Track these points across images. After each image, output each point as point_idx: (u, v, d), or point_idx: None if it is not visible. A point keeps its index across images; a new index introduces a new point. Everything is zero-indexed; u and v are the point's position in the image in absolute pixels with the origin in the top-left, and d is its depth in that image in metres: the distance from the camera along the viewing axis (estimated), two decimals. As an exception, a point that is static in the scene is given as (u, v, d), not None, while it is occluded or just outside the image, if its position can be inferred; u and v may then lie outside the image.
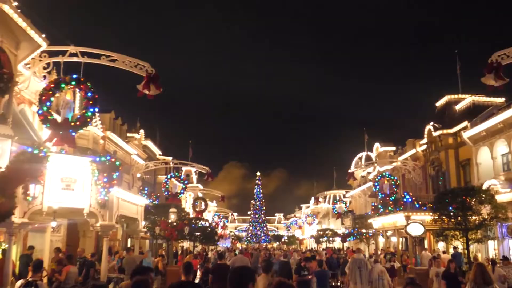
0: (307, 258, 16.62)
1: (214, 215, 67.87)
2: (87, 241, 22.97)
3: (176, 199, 33.43)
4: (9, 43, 13.02)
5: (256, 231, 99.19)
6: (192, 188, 52.99)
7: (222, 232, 63.31)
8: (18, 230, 12.35)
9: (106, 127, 29.06)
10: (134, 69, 15.19)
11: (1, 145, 7.00)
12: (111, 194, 12.82)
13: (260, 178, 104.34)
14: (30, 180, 7.95)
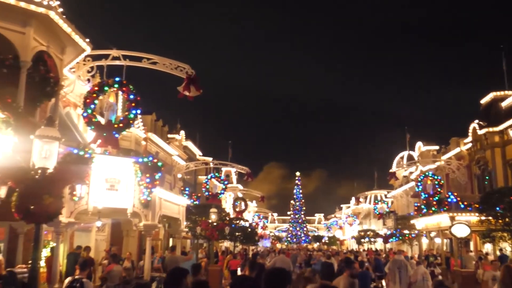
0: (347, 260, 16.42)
1: (254, 216, 68.02)
2: (130, 241, 23.47)
3: (216, 200, 33.66)
4: (55, 48, 13.45)
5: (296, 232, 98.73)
6: (232, 189, 53.28)
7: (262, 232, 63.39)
8: (65, 229, 12.76)
9: (147, 129, 29.60)
10: (174, 71, 15.41)
11: (49, 147, 7.21)
12: (153, 194, 13.03)
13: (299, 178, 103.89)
14: (77, 180, 8.18)
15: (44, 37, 12.76)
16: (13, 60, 11.80)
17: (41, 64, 12.59)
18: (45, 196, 7.09)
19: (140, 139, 27.13)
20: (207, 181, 34.71)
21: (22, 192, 7.18)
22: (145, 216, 13.01)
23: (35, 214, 7.16)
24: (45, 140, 7.19)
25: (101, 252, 19.49)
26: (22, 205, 7.15)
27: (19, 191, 7.20)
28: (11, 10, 11.75)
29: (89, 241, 19.82)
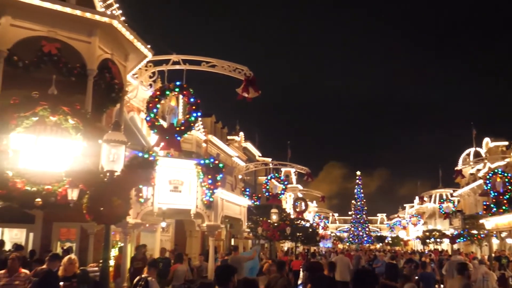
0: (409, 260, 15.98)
1: (314, 216, 67.56)
2: (194, 241, 23.96)
3: (276, 200, 33.72)
4: (118, 55, 13.96)
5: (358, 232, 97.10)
6: (292, 189, 53.18)
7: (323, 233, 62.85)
8: (132, 230, 13.19)
9: (207, 131, 30.12)
10: (232, 73, 15.58)
11: (116, 150, 7.48)
12: (215, 195, 13.23)
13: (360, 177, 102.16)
14: (143, 183, 8.44)
15: (108, 45, 13.28)
16: (80, 69, 12.36)
17: (106, 72, 13.10)
18: (114, 198, 7.37)
19: (200, 141, 27.66)
20: (267, 181, 34.83)
21: (92, 195, 7.50)
22: (208, 217, 13.22)
23: (105, 215, 7.46)
24: (112, 144, 7.46)
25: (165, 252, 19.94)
26: (92, 207, 7.46)
27: (90, 194, 7.52)
28: (78, 21, 12.32)
29: (154, 242, 20.38)
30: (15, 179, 9.98)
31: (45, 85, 11.06)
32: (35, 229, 14.85)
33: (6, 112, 10.15)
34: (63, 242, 15.26)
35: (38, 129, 10.45)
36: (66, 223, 14.98)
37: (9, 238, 16.59)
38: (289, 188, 47.30)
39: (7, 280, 8.41)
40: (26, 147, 10.33)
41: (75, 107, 10.80)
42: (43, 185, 10.16)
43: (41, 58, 11.77)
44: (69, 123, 10.61)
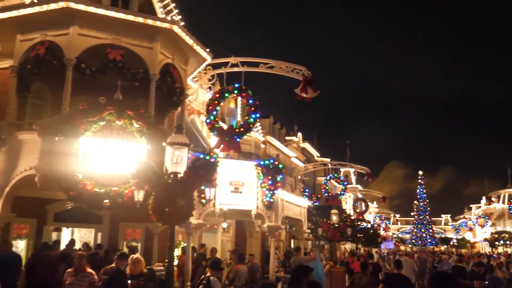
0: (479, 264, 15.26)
1: (375, 217, 66.22)
2: (254, 241, 24.12)
3: (336, 200, 33.31)
4: (179, 60, 14.31)
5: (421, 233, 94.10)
6: (352, 189, 52.40)
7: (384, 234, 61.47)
8: (195, 230, 13.46)
9: (266, 132, 30.25)
10: (290, 73, 15.55)
11: (180, 153, 7.62)
12: (276, 196, 13.24)
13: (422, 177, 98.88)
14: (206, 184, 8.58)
15: (169, 50, 13.64)
16: (143, 74, 12.78)
17: (167, 76, 13.47)
18: (178, 199, 7.52)
19: (259, 143, 27.82)
20: (326, 182, 34.50)
21: (157, 196, 7.68)
22: (269, 218, 13.26)
23: (169, 216, 7.62)
24: (176, 146, 7.61)
25: (226, 253, 20.24)
26: (157, 207, 7.64)
27: (155, 195, 7.71)
28: (140, 28, 12.74)
29: (215, 242, 20.71)
30: (84, 181, 10.49)
31: (110, 90, 11.53)
32: (102, 229, 15.46)
33: (76, 117, 10.68)
34: (129, 242, 15.80)
35: (105, 133, 10.92)
36: (131, 223, 15.51)
37: (78, 237, 17.37)
38: (349, 189, 46.63)
39: (74, 279, 8.53)
40: (94, 150, 10.82)
41: (139, 111, 11.19)
42: (111, 187, 10.60)
43: (106, 64, 12.27)
44: (134, 126, 11.00)
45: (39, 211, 14.28)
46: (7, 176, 11.63)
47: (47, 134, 10.81)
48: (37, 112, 14.92)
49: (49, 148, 10.80)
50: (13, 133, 11.91)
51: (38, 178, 10.82)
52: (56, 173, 10.50)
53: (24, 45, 12.77)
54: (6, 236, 13.29)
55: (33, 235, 14.48)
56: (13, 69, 12.76)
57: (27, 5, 12.65)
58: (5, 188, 11.61)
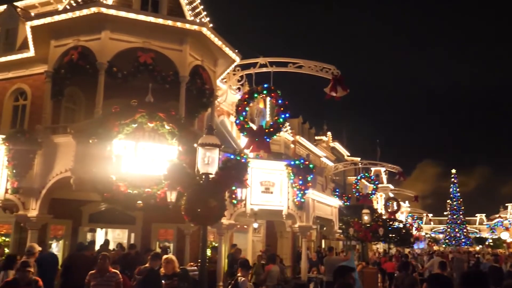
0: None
1: (407, 216, 65.21)
2: (284, 242, 24.05)
3: (367, 200, 32.94)
4: (208, 61, 14.43)
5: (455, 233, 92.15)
6: (383, 189, 51.72)
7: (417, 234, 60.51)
8: (226, 231, 13.55)
9: (295, 132, 30.14)
10: (320, 73, 15.47)
11: (211, 153, 7.67)
12: (306, 196, 13.24)
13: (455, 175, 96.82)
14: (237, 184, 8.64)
15: (199, 52, 13.77)
16: (173, 76, 12.95)
17: (197, 78, 13.61)
18: (210, 200, 7.58)
19: (288, 142, 27.76)
20: (357, 181, 34.15)
21: (189, 197, 7.75)
22: (300, 218, 13.25)
23: (202, 216, 7.68)
24: (207, 147, 7.67)
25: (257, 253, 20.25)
26: (190, 208, 7.71)
27: (187, 196, 7.79)
28: (170, 31, 12.91)
29: (246, 242, 20.74)
30: (118, 183, 10.69)
31: (142, 93, 11.73)
32: (135, 230, 15.67)
33: (109, 120, 10.90)
34: (161, 242, 15.99)
35: (137, 135, 11.12)
36: (164, 224, 15.68)
37: (112, 238, 17.68)
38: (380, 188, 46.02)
39: (99, 280, 8.33)
40: (127, 152, 11.02)
41: (170, 113, 11.35)
42: (144, 188, 10.78)
43: (137, 68, 12.48)
44: (165, 128, 11.17)
45: (75, 213, 14.60)
46: (44, 179, 11.96)
47: (82, 137, 11.06)
48: (71, 115, 15.31)
49: (83, 150, 11.05)
50: (48, 136, 12.23)
51: (74, 180, 11.09)
52: (90, 175, 10.74)
53: (58, 50, 13.11)
54: (43, 237, 13.67)
55: (69, 236, 14.81)
56: (47, 74, 13.11)
57: (60, 12, 13.00)
58: (42, 190, 11.95)
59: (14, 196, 11.96)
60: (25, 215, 11.93)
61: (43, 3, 17.51)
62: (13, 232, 14.29)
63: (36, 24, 12.97)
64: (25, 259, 9.54)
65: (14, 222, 13.70)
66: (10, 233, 14.48)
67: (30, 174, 11.97)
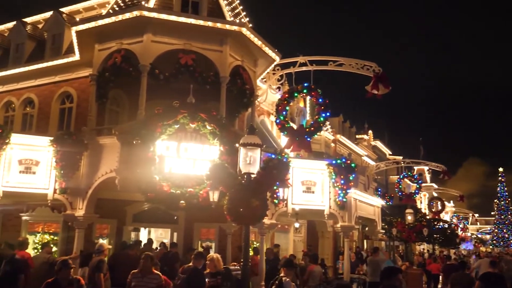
0: None
1: (452, 216, 63.57)
2: (325, 242, 23.92)
3: (410, 200, 32.30)
4: (248, 61, 14.48)
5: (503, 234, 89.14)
6: (427, 188, 50.63)
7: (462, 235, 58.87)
8: (268, 231, 13.57)
9: (336, 131, 29.92)
10: (361, 70, 15.32)
11: (252, 153, 7.72)
12: (349, 196, 13.12)
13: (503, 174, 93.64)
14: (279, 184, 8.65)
15: (239, 52, 13.84)
16: (214, 77, 13.07)
17: (237, 78, 13.68)
18: (252, 200, 7.63)
19: (329, 142, 27.58)
20: (400, 180, 33.56)
21: (232, 196, 7.83)
22: (342, 218, 13.14)
23: (244, 216, 7.74)
24: (248, 147, 7.71)
25: (298, 253, 20.23)
26: (232, 208, 7.79)
27: (229, 196, 7.86)
28: (210, 32, 13.02)
29: (287, 242, 20.74)
30: (161, 183, 10.89)
31: (183, 94, 11.90)
32: (178, 229, 15.98)
33: (152, 121, 11.12)
34: (203, 241, 16.20)
35: (179, 135, 11.29)
36: (206, 224, 15.90)
37: (155, 237, 18.01)
38: (424, 187, 45.05)
39: (140, 281, 8.15)
40: (170, 153, 11.21)
41: (211, 114, 11.47)
42: (186, 188, 10.94)
43: (179, 69, 12.66)
44: (207, 129, 11.30)
45: (119, 212, 15.01)
46: (90, 179, 12.30)
47: (126, 138, 11.34)
48: (115, 117, 15.70)
49: (127, 151, 11.32)
50: (94, 138, 12.56)
51: (118, 181, 11.37)
52: (134, 175, 11.00)
53: (102, 54, 13.44)
54: (90, 236, 14.10)
55: (113, 234, 15.23)
56: (92, 78, 13.46)
57: (104, 16, 13.33)
58: (88, 190, 12.27)
59: (62, 196, 12.27)
60: (73, 215, 12.25)
61: (87, 8, 18.01)
62: (61, 231, 14.77)
63: (81, 29, 13.33)
64: (95, 257, 9.90)
65: (62, 221, 14.13)
66: (58, 231, 14.98)
67: (77, 175, 12.29)
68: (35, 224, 15.49)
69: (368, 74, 14.84)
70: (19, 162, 11.97)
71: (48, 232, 15.25)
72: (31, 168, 12.10)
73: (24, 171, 12.03)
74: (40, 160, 12.16)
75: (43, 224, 15.34)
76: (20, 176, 11.98)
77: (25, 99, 17.94)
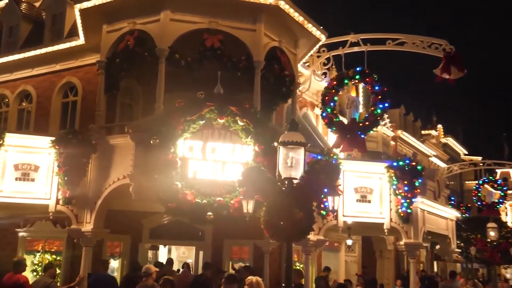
0: None
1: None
2: (385, 263, 23.76)
3: (493, 211, 31.66)
4: (287, 42, 14.51)
5: None
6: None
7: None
8: (314, 249, 13.60)
9: (396, 125, 29.66)
10: (427, 50, 15.11)
11: (295, 154, 7.66)
12: (414, 206, 12.99)
13: None
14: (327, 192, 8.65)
15: (275, 31, 13.88)
16: (246, 62, 13.13)
17: (274, 62, 13.73)
18: (295, 210, 7.66)
19: (388, 139, 27.36)
20: (478, 187, 32.97)
21: (270, 207, 7.87)
22: (406, 233, 13.04)
23: (285, 230, 7.77)
24: (290, 146, 7.71)
25: (351, 276, 20.19)
26: (271, 221, 7.83)
27: (267, 206, 7.91)
28: (240, 8, 13.11)
29: (338, 263, 20.72)
30: (184, 190, 11.04)
31: (209, 83, 12.03)
32: (204, 247, 16.08)
33: (172, 117, 11.27)
34: (235, 262, 16.32)
35: (205, 133, 11.45)
36: (238, 240, 16.00)
37: (176, 256, 18.25)
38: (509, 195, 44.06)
39: None
40: (194, 154, 11.37)
41: (243, 106, 11.55)
42: (214, 196, 11.07)
43: (203, 53, 12.78)
44: (238, 124, 11.40)
45: (134, 227, 15.23)
46: (99, 187, 12.52)
47: (141, 138, 11.52)
48: (127, 112, 16.01)
49: (143, 153, 11.52)
50: (103, 137, 12.78)
51: (133, 188, 11.55)
52: (152, 182, 11.14)
53: (111, 36, 13.67)
54: (99, 255, 14.41)
55: (127, 253, 15.48)
56: (100, 65, 13.70)
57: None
58: (97, 200, 12.47)
59: (66, 207, 12.46)
60: (79, 230, 12.43)
61: (93, -18, 18.39)
62: (65, 249, 15.12)
63: (86, 7, 13.51)
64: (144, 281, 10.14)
65: (66, 237, 14.49)
66: (61, 250, 15.31)
67: (83, 182, 12.50)
68: (34, 241, 15.90)
69: (437, 54, 14.63)
70: (15, 167, 12.23)
71: (49, 251, 15.60)
72: (29, 174, 12.33)
73: (21, 178, 12.28)
74: (39, 164, 12.41)
75: (43, 241, 15.73)
76: (16, 184, 12.23)
77: (21, 92, 18.42)
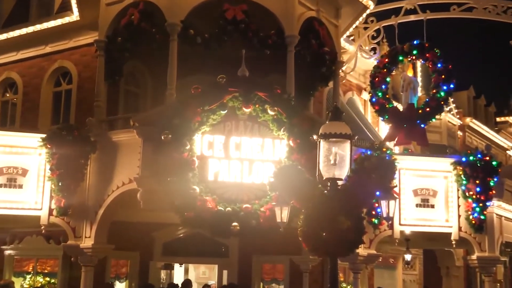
0: None
1: None
2: (453, 282, 23.50)
3: None
4: (327, 11, 14.38)
5: None
6: None
7: None
8: (364, 266, 13.51)
9: (464, 112, 29.22)
10: (502, 17, 14.99)
11: (339, 149, 7.53)
12: (489, 211, 12.83)
13: None
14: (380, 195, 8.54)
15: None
16: (276, 37, 13.04)
17: (311, 37, 13.60)
18: (340, 219, 7.57)
19: (454, 129, 26.95)
20: None
21: (309, 214, 7.81)
22: (479, 245, 12.89)
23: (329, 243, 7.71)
24: (333, 140, 7.61)
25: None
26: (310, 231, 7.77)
27: (306, 213, 7.85)
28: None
29: (394, 283, 20.54)
30: (204, 196, 11.00)
31: (231, 65, 12.01)
32: (229, 265, 16.01)
33: (187, 107, 11.22)
34: (267, 283, 16.23)
35: (228, 126, 11.40)
36: (270, 257, 15.92)
37: (195, 277, 18.24)
38: None
39: None
40: (214, 152, 11.34)
41: (274, 92, 11.46)
42: (241, 203, 11.03)
43: (224, 28, 12.71)
44: (268, 114, 11.32)
45: (143, 241, 15.19)
46: (101, 194, 12.60)
47: (150, 133, 11.48)
48: (133, 102, 16.01)
49: (153, 151, 11.48)
50: (105, 133, 12.86)
51: (141, 195, 11.60)
52: (164, 186, 11.13)
53: (112, 10, 13.70)
54: (102, 277, 14.41)
55: (135, 274, 15.48)
56: (99, 45, 13.74)
57: (113, -46, 13.59)
58: (98, 210, 12.56)
59: (61, 219, 12.53)
60: (77, 246, 12.54)
61: None
62: (60, 269, 15.15)
63: (80, -25, 13.66)
64: None
65: (62, 255, 14.53)
66: (56, 271, 15.34)
67: (81, 188, 12.60)
68: (24, 260, 16.02)
69: (514, 21, 14.52)
70: (-2, 172, 12.34)
71: (42, 272, 15.66)
72: (15, 180, 12.48)
73: (6, 185, 12.44)
74: (28, 167, 12.54)
75: (34, 260, 15.82)
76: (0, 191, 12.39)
77: (4, 81, 18.55)
